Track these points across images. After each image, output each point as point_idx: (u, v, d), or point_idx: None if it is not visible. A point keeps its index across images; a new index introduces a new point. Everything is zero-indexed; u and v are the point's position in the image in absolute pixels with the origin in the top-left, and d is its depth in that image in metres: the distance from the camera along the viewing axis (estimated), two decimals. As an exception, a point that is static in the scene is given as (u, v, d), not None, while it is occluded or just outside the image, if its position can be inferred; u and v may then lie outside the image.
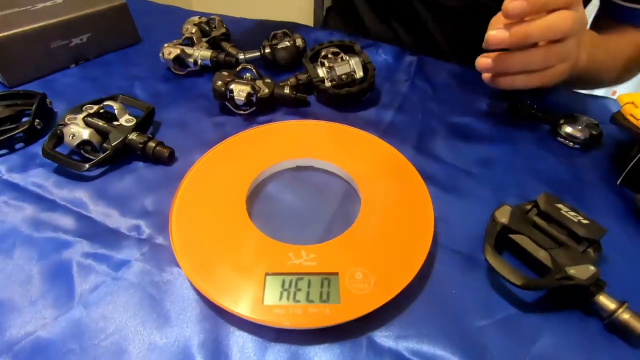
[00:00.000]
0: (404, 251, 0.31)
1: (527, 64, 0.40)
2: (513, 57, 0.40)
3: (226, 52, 0.54)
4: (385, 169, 0.38)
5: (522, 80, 0.42)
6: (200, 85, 0.52)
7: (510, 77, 0.42)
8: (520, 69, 0.41)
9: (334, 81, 0.48)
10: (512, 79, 0.42)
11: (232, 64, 0.52)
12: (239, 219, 0.33)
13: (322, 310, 0.27)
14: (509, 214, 0.33)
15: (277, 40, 0.54)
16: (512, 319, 0.29)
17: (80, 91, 0.50)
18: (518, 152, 0.43)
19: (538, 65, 0.40)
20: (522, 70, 0.41)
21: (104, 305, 0.29)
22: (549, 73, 0.41)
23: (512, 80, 0.42)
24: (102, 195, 0.37)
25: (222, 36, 0.57)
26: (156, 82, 0.52)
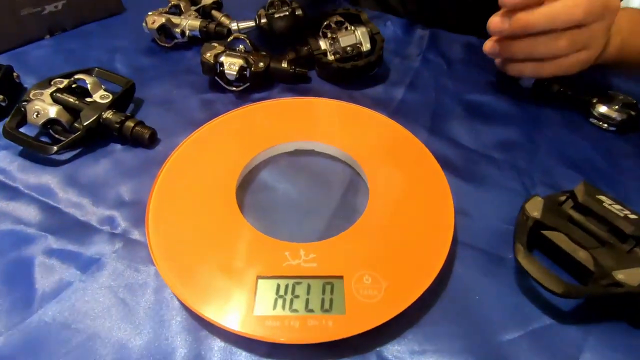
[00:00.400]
0: (420, 250, 0.26)
1: (532, 53, 0.37)
2: (516, 45, 0.37)
3: (217, 22, 0.48)
4: (397, 153, 0.33)
5: (531, 69, 0.39)
6: (188, 59, 0.47)
7: (518, 65, 0.39)
8: (525, 57, 0.38)
9: (338, 54, 0.42)
10: (520, 66, 0.39)
11: (223, 34, 0.46)
12: (227, 211, 0.28)
13: (323, 322, 0.23)
14: (542, 207, 0.28)
15: (274, 9, 0.48)
16: (547, 331, 0.25)
17: (54, 65, 0.45)
18: (545, 135, 0.38)
19: (546, 54, 0.37)
20: (528, 58, 0.38)
21: (68, 312, 0.25)
22: (566, 62, 0.37)
23: (520, 68, 0.39)
24: (72, 182, 0.32)
25: (213, 4, 0.52)
26: (139, 56, 0.47)
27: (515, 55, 0.38)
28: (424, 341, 0.24)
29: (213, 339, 0.24)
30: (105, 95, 0.36)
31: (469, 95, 0.42)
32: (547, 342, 0.24)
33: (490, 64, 0.46)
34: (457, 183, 0.33)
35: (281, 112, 0.37)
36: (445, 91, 0.43)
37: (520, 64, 0.39)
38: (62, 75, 0.37)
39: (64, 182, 0.32)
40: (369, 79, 0.44)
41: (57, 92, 0.35)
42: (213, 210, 0.28)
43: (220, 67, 0.40)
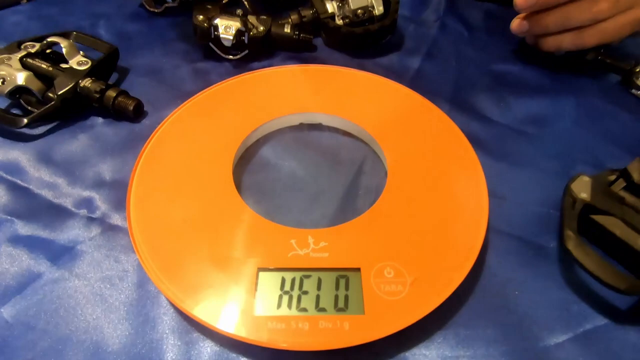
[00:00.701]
0: (450, 238, 0.22)
1: (570, 21, 0.33)
2: (549, 16, 0.33)
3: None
4: (418, 127, 0.29)
5: (570, 41, 0.34)
6: (180, 25, 0.42)
7: (554, 38, 0.35)
8: (561, 28, 0.33)
9: (347, 18, 0.38)
10: (557, 40, 0.35)
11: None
12: (223, 193, 0.24)
13: (338, 324, 0.19)
14: (590, 188, 0.24)
15: (275, -31, 0.43)
16: (602, 334, 0.21)
17: (31, 32, 0.40)
18: (581, 108, 0.34)
19: (585, 20, 0.32)
20: (565, 28, 0.33)
21: (35, 310, 0.21)
22: (611, 26, 0.32)
23: (557, 41, 0.35)
24: (45, 160, 0.28)
25: (208, -35, 0.46)
26: (125, 22, 0.42)
27: (549, 28, 0.34)
28: (457, 345, 0.20)
29: (205, 343, 0.20)
30: (84, 61, 0.31)
31: (494, 64, 0.38)
32: (602, 347, 0.20)
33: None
34: (487, 161, 0.28)
35: (284, 81, 0.32)
36: (467, 60, 0.38)
37: (557, 37, 0.34)
38: (33, 39, 0.32)
39: (36, 159, 0.28)
40: (381, 47, 0.39)
41: (28, 57, 0.31)
42: (206, 191, 0.24)
43: (214, 32, 0.35)
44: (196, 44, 0.37)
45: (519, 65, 0.38)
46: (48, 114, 0.29)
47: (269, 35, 0.37)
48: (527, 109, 0.33)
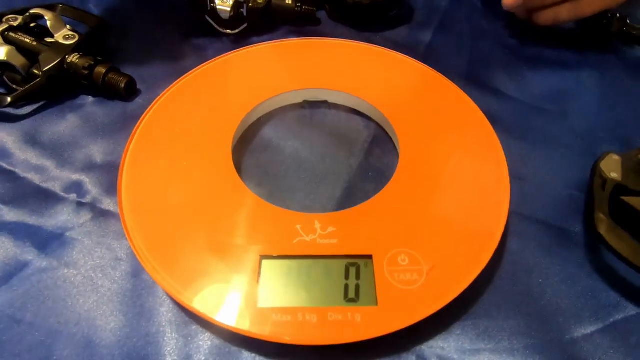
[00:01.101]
0: (468, 223, 0.20)
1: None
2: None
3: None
4: (432, 104, 0.26)
5: (568, 12, 0.32)
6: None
7: (550, 11, 0.32)
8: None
9: (353, -12, 0.35)
10: (553, 12, 0.32)
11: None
12: (222, 175, 0.22)
13: (349, 317, 0.17)
14: (621, 167, 0.22)
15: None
16: (633, 324, 0.19)
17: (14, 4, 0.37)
18: (605, 82, 0.32)
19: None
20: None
21: (22, 301, 0.19)
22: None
23: (553, 14, 0.32)
24: (32, 141, 0.26)
25: None
26: (116, -5, 0.39)
27: (544, 0, 0.32)
28: (477, 338, 0.19)
29: (205, 336, 0.19)
30: (71, 35, 0.29)
31: (510, 37, 0.35)
32: (633, 338, 0.19)
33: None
34: (505, 140, 0.26)
35: (286, 56, 0.30)
36: (481, 33, 0.36)
37: (553, 9, 0.32)
38: (16, 11, 0.30)
39: (22, 140, 0.26)
40: (390, 20, 0.37)
41: (10, 31, 0.28)
42: (204, 174, 0.23)
43: (211, 4, 0.33)
44: (191, 18, 0.35)
45: (535, 38, 0.35)
46: (33, 92, 0.27)
47: (269, 7, 0.34)
48: (547, 85, 0.31)
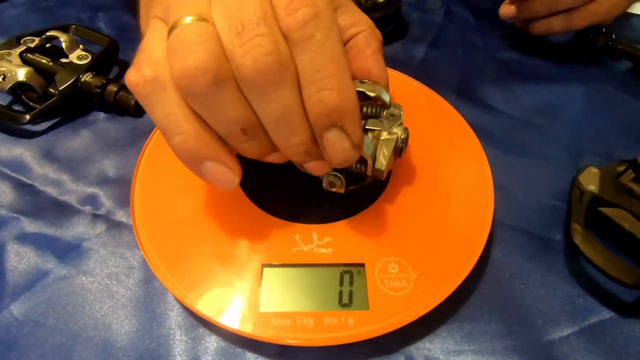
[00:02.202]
0: (454, 232, 0.22)
1: (557, 4, 0.32)
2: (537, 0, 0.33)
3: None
4: (423, 118, 0.28)
5: (560, 24, 0.34)
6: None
7: (543, 22, 0.34)
8: (550, 11, 0.33)
9: (350, 6, 0.36)
10: (546, 24, 0.34)
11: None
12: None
13: (343, 320, 0.19)
14: (598, 179, 0.24)
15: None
16: (607, 327, 0.21)
17: (29, 25, 0.40)
18: (591, 96, 0.33)
19: (574, 2, 0.32)
20: (553, 12, 0.33)
21: (44, 307, 0.21)
22: (601, 6, 0.32)
23: (546, 25, 0.34)
24: (48, 157, 0.28)
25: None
26: (125, 14, 0.41)
27: (537, 12, 0.33)
28: (461, 339, 0.20)
29: (212, 338, 0.20)
30: (84, 55, 0.31)
31: (501, 52, 0.37)
32: (607, 341, 0.20)
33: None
34: (493, 153, 0.28)
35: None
36: (473, 48, 0.37)
37: (546, 21, 0.34)
38: (33, 33, 0.32)
39: (40, 156, 0.28)
40: (385, 35, 0.38)
41: (27, 52, 0.30)
42: (209, 186, 0.24)
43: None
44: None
45: (526, 53, 0.37)
46: (50, 109, 0.29)
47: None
48: (535, 99, 0.33)
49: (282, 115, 0.16)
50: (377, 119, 0.21)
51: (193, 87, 0.15)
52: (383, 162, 0.20)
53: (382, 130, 0.21)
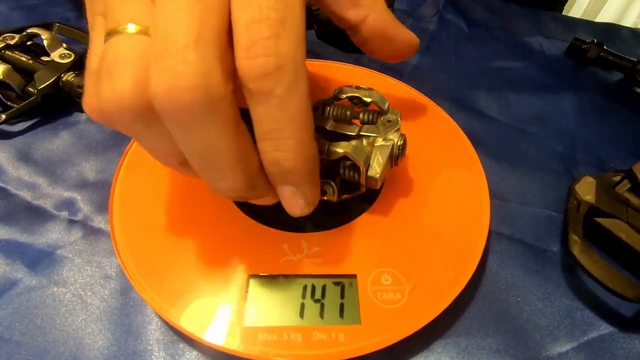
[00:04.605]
0: (449, 243, 0.21)
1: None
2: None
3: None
4: (416, 125, 0.27)
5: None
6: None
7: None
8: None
9: (343, 11, 0.36)
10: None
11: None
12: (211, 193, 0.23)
13: (333, 336, 0.18)
14: (595, 189, 0.23)
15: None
16: (607, 343, 0.20)
17: (12, 22, 0.38)
18: (584, 106, 0.33)
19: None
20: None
21: (10, 320, 0.20)
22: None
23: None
24: (24, 158, 0.27)
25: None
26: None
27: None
28: (457, 355, 0.19)
29: (192, 354, 0.19)
30: (67, 54, 0.30)
31: (495, 61, 0.37)
32: (606, 356, 0.20)
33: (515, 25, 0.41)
34: (487, 162, 0.27)
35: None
36: (467, 56, 0.37)
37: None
38: (13, 30, 0.31)
39: (15, 157, 0.27)
40: (379, 41, 0.38)
41: (7, 49, 0.29)
42: (193, 192, 0.23)
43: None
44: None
45: (519, 61, 0.37)
46: (28, 109, 0.28)
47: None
48: (529, 108, 0.32)
49: (207, 158, 0.14)
50: (373, 125, 0.20)
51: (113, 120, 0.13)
52: (377, 170, 0.19)
53: (378, 137, 0.20)
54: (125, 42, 0.13)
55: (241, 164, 0.14)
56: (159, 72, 0.12)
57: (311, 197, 0.16)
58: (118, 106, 0.13)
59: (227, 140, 0.13)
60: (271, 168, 0.15)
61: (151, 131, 0.14)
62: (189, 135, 0.13)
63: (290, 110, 0.13)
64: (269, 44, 0.12)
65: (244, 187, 0.15)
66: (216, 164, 0.14)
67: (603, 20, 0.44)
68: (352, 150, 0.18)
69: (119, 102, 0.13)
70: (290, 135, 0.14)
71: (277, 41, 0.13)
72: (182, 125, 0.13)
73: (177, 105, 0.12)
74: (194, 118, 0.12)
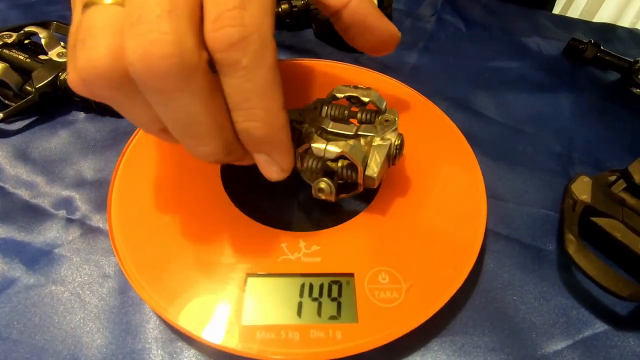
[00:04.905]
0: (446, 241, 0.21)
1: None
2: None
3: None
4: (414, 125, 0.27)
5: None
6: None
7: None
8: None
9: (341, 11, 0.36)
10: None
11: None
12: (209, 192, 0.23)
13: (330, 334, 0.18)
14: (591, 189, 0.23)
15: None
16: (601, 340, 0.20)
17: (10, 21, 0.38)
18: (581, 106, 0.33)
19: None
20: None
21: (8, 318, 0.20)
22: None
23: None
24: (22, 157, 0.27)
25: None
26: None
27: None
28: (453, 354, 0.19)
29: (191, 353, 0.19)
30: (64, 52, 0.30)
31: (492, 61, 0.37)
32: (601, 354, 0.20)
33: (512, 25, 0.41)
34: (484, 161, 0.27)
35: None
36: (465, 56, 0.37)
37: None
38: (10, 28, 0.31)
39: (13, 156, 0.27)
40: (377, 41, 0.38)
41: (4, 48, 0.29)
42: (191, 191, 0.23)
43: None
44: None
45: (517, 61, 0.37)
46: (26, 108, 0.28)
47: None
48: (526, 107, 0.33)
49: (185, 125, 0.14)
50: (370, 125, 0.20)
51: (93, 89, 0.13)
52: (375, 169, 0.19)
53: (375, 136, 0.20)
54: (100, 11, 0.13)
55: (217, 131, 0.15)
56: (134, 38, 0.12)
57: (284, 164, 0.17)
58: (95, 74, 0.13)
59: (203, 107, 0.14)
60: (243, 137, 0.15)
61: (130, 100, 0.14)
62: (166, 103, 0.13)
63: (257, 80, 0.14)
64: (234, 14, 0.13)
65: (222, 152, 0.15)
66: (194, 131, 0.14)
67: (600, 21, 0.45)
68: (350, 150, 0.18)
69: (95, 70, 0.13)
70: (258, 105, 0.14)
71: (242, 12, 0.13)
72: (158, 92, 0.13)
73: (153, 72, 0.12)
74: (169, 85, 0.13)
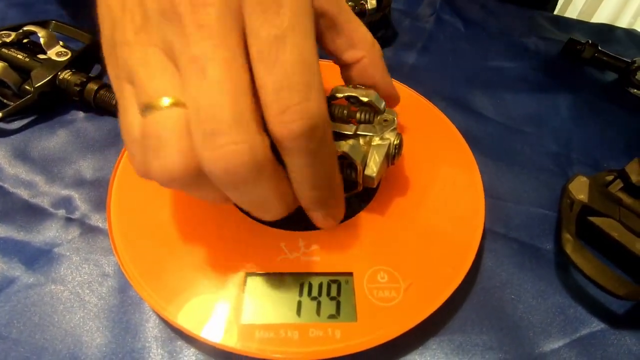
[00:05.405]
0: (445, 241, 0.21)
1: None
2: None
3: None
4: (413, 124, 0.28)
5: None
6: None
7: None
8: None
9: (340, 11, 0.36)
10: None
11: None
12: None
13: (329, 333, 0.18)
14: (588, 189, 0.24)
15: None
16: (598, 339, 0.20)
17: (8, 20, 0.38)
18: (579, 106, 0.33)
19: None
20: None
21: (9, 317, 0.20)
22: None
23: None
24: (21, 156, 0.27)
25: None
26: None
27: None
28: (451, 352, 0.20)
29: (190, 351, 0.19)
30: (63, 52, 0.30)
31: (491, 60, 0.37)
32: (598, 353, 0.20)
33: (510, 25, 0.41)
34: (482, 161, 0.27)
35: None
36: (463, 56, 0.37)
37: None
38: (9, 28, 0.31)
39: (12, 155, 0.27)
40: (376, 41, 0.38)
41: (3, 47, 0.29)
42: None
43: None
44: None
45: (515, 62, 0.37)
46: (25, 107, 0.28)
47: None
48: (524, 107, 0.33)
49: (258, 205, 0.16)
50: (369, 124, 0.21)
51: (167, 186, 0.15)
52: (374, 169, 0.19)
53: (374, 136, 0.20)
54: (163, 117, 0.14)
55: (283, 200, 0.16)
56: (211, 151, 0.13)
57: (339, 216, 0.19)
58: (168, 178, 0.14)
59: (272, 190, 0.15)
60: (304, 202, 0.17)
61: (201, 188, 0.15)
62: (241, 193, 0.15)
63: (322, 156, 0.15)
64: (301, 108, 0.14)
65: (285, 213, 0.17)
66: (264, 207, 0.16)
67: (598, 21, 0.45)
68: (349, 150, 0.19)
69: (170, 175, 0.14)
70: (322, 177, 0.16)
71: (307, 104, 0.14)
72: (234, 187, 0.14)
73: (230, 175, 0.14)
74: (245, 182, 0.14)
